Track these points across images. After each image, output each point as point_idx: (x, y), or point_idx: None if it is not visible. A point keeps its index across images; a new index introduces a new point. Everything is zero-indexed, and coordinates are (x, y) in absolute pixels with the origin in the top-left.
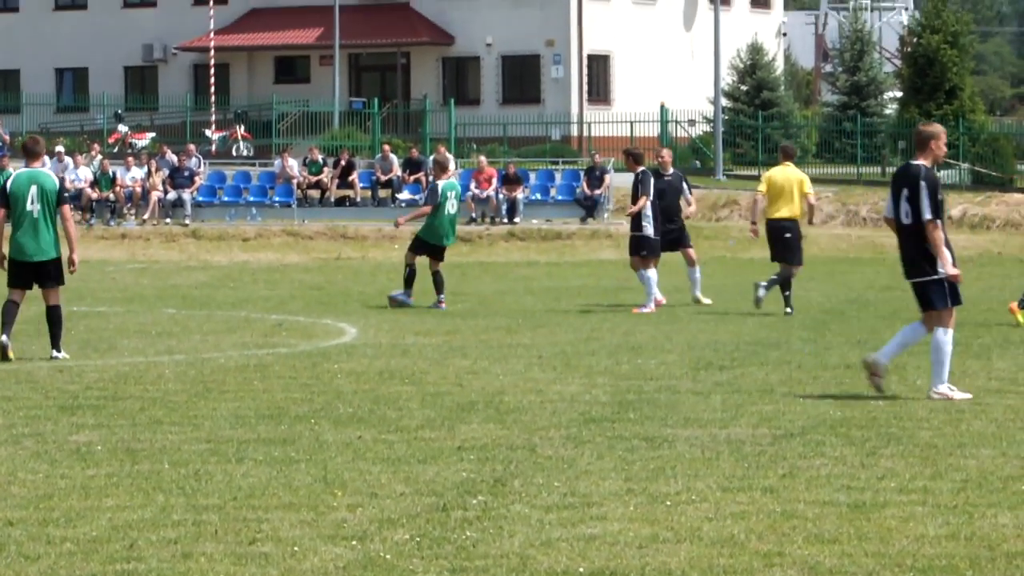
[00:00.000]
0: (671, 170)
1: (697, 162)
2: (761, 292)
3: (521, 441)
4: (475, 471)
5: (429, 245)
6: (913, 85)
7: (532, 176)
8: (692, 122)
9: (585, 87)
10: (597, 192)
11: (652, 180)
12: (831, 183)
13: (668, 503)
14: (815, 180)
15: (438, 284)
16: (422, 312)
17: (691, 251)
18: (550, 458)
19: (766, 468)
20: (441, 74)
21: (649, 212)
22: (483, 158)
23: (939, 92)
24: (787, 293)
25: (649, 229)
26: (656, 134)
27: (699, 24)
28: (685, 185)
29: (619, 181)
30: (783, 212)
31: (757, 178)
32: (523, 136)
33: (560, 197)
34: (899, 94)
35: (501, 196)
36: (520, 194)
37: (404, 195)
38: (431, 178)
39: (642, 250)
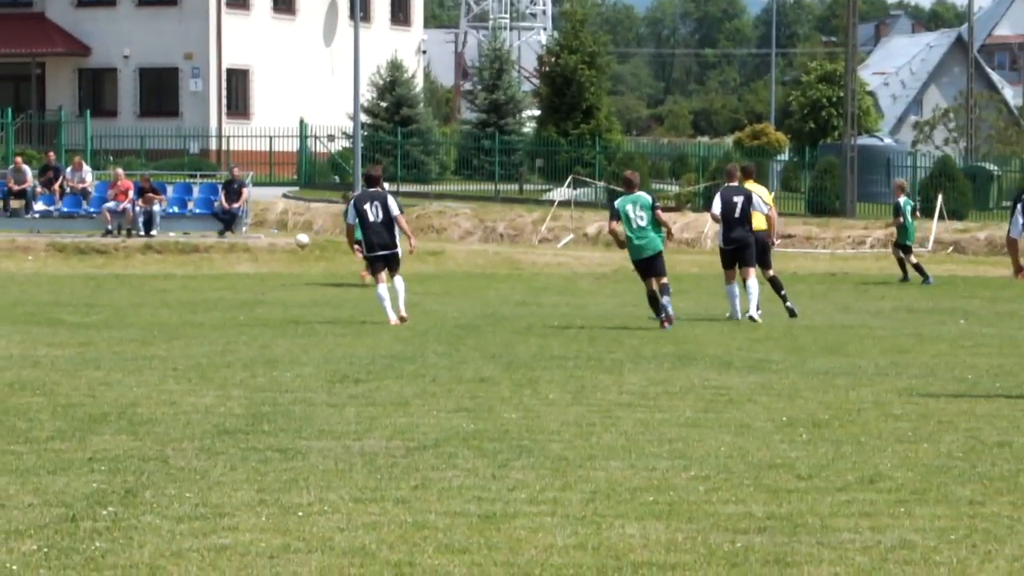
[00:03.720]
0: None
1: (336, 177)
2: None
3: (154, 452)
4: (106, 482)
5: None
6: (551, 104)
7: (169, 189)
8: (332, 137)
9: (224, 101)
10: (235, 205)
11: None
12: (469, 199)
13: (300, 514)
14: (452, 196)
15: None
16: (55, 324)
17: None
18: (183, 469)
19: (399, 479)
20: (77, 85)
21: None
22: (120, 170)
23: (576, 111)
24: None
25: None
26: (295, 148)
27: (339, 40)
28: None
29: (257, 195)
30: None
31: (395, 193)
32: (161, 149)
33: (198, 210)
34: (537, 113)
35: (138, 209)
36: (157, 207)
37: (39, 206)
38: None
39: None
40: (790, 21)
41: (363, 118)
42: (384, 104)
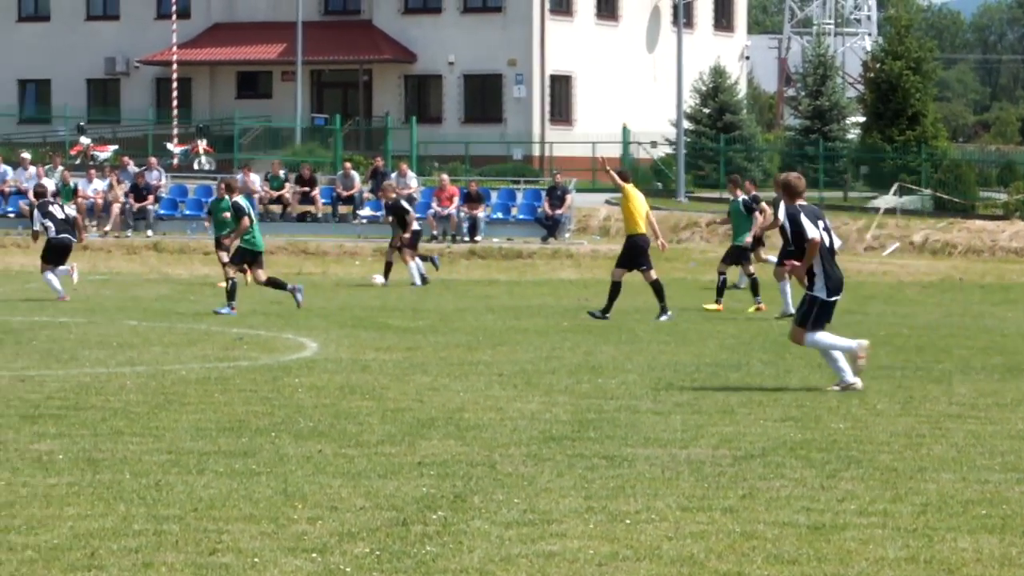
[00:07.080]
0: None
1: (659, 184)
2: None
3: (481, 458)
4: (435, 486)
5: None
6: (876, 110)
7: (493, 195)
8: (654, 144)
9: (547, 107)
10: (558, 212)
11: None
12: None
13: (628, 521)
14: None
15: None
16: (381, 328)
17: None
18: (510, 475)
19: (726, 488)
20: (403, 91)
21: None
22: (445, 176)
23: (901, 118)
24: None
25: None
26: (618, 155)
27: (662, 46)
28: None
29: (580, 201)
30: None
31: (719, 200)
32: (485, 155)
33: (521, 216)
34: (862, 119)
35: (462, 214)
36: (481, 213)
37: (366, 211)
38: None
39: None
40: None
41: (685, 124)
42: (707, 110)
